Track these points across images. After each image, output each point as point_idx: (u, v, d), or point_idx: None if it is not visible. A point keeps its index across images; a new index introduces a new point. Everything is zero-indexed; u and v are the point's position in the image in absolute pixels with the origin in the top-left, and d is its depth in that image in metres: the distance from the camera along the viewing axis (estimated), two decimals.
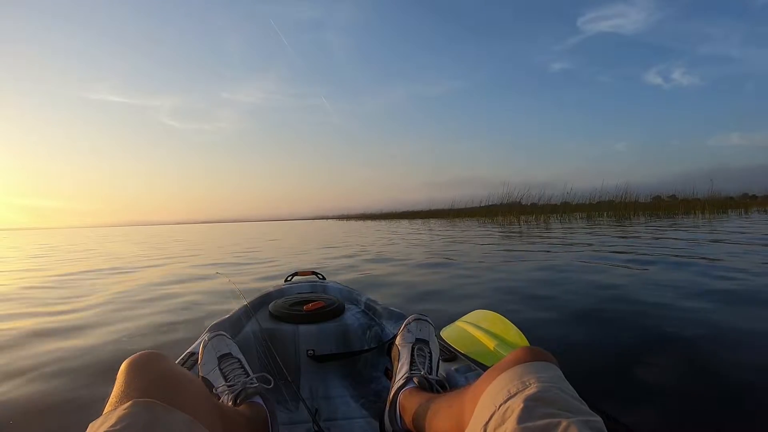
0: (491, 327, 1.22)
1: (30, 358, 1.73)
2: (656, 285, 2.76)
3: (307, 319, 1.34)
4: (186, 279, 4.04)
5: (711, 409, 1.13)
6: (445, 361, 1.01)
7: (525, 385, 0.49)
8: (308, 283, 1.83)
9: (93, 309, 2.71)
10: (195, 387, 0.58)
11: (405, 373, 0.87)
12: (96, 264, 6.03)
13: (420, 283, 3.27)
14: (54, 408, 1.27)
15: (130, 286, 3.67)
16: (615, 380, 1.34)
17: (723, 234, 6.47)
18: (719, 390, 1.23)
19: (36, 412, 1.25)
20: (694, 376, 1.33)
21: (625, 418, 1.07)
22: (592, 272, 3.40)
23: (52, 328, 2.25)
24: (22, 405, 1.29)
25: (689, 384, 1.28)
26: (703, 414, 1.11)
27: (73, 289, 3.64)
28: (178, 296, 3.07)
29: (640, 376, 1.36)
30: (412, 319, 1.02)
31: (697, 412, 1.11)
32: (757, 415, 1.10)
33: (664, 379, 1.34)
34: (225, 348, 0.94)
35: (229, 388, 0.81)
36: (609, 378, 1.36)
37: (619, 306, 2.27)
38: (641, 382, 1.32)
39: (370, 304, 1.52)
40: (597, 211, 16.71)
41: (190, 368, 0.96)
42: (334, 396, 1.14)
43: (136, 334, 2.06)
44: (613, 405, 1.14)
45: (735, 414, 1.11)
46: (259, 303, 1.56)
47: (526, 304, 2.39)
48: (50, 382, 1.47)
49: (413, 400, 0.77)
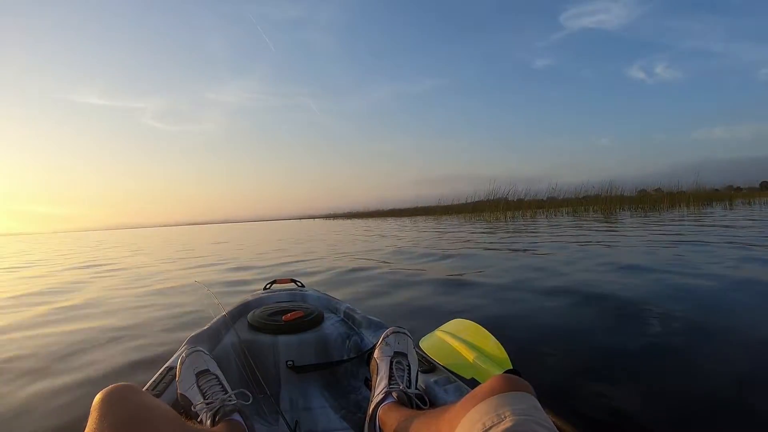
0: (470, 338, 1.21)
1: None
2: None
3: (286, 329, 1.32)
4: (159, 285, 3.83)
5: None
6: (424, 373, 1.01)
7: (500, 418, 0.50)
8: (287, 291, 1.80)
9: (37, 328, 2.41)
10: (168, 418, 0.61)
11: (384, 387, 0.87)
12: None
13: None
14: None
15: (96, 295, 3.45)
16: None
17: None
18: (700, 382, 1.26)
19: None
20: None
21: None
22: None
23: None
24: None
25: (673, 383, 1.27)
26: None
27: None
28: (153, 304, 2.91)
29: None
30: (390, 332, 1.02)
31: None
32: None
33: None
34: (203, 364, 0.93)
35: (207, 406, 0.81)
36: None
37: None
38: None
39: (349, 312, 1.51)
40: (583, 206, 16.69)
41: (168, 384, 0.95)
42: (315, 407, 1.13)
43: (113, 350, 1.87)
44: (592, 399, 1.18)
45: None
46: (237, 313, 1.53)
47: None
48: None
49: (392, 416, 0.78)
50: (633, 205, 15.86)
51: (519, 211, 16.80)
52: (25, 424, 1.22)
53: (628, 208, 15.65)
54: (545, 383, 1.20)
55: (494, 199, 17.64)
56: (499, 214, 16.37)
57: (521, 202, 17.72)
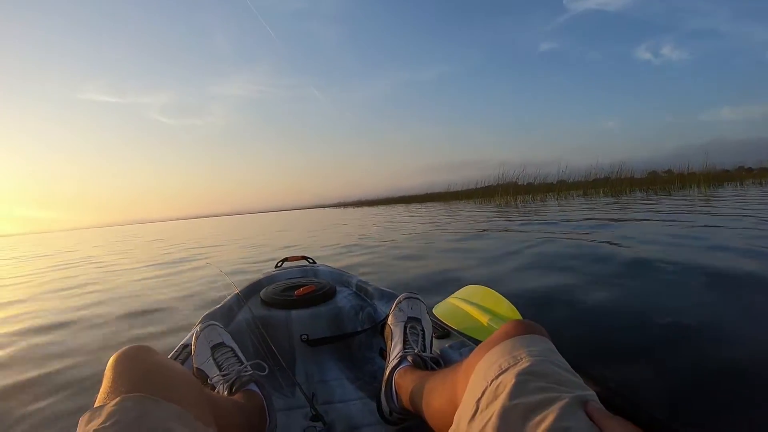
0: (483, 302, 1.20)
1: None
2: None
3: (299, 303, 1.34)
4: (173, 267, 4.16)
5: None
6: (438, 338, 1.01)
7: (516, 359, 0.48)
8: (298, 268, 1.81)
9: (84, 308, 2.73)
10: (184, 378, 0.57)
11: (399, 352, 0.87)
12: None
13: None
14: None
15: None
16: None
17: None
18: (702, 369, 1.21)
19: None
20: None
21: (618, 387, 1.06)
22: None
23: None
24: None
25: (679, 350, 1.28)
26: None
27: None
28: (166, 286, 3.13)
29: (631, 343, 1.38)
30: (403, 297, 1.02)
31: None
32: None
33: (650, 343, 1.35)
34: (218, 337, 0.94)
35: (224, 378, 0.81)
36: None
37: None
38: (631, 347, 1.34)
39: (361, 285, 1.52)
40: (594, 189, 16.68)
41: (184, 360, 0.96)
42: (330, 379, 1.14)
43: (127, 330, 2.07)
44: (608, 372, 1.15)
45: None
46: (250, 291, 1.55)
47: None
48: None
49: (408, 379, 0.77)
50: (643, 187, 15.83)
51: (529, 195, 16.86)
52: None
53: (638, 189, 15.63)
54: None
55: (504, 183, 17.68)
56: (510, 198, 16.43)
57: (531, 186, 17.63)
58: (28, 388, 1.43)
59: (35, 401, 1.31)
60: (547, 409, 0.40)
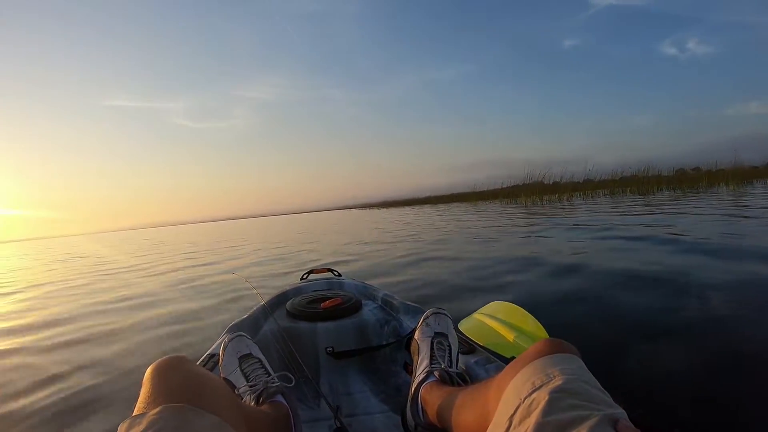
0: (509, 318, 1.23)
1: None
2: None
3: (324, 316, 1.37)
4: (199, 278, 4.26)
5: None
6: (464, 354, 1.02)
7: (549, 377, 0.50)
8: (324, 280, 1.86)
9: (115, 313, 2.90)
10: (219, 388, 0.59)
11: (426, 367, 0.88)
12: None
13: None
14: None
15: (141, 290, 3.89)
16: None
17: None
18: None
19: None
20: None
21: (645, 408, 1.06)
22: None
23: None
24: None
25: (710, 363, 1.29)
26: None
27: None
28: (190, 297, 3.24)
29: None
30: (430, 313, 1.04)
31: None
32: None
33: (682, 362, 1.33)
34: (245, 348, 0.96)
35: (251, 388, 0.83)
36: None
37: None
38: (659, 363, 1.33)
39: (386, 299, 1.54)
40: (620, 187, 16.64)
41: (211, 370, 0.97)
42: (355, 392, 1.15)
43: (157, 339, 2.16)
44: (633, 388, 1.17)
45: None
46: (276, 302, 1.58)
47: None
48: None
49: (435, 394, 0.79)
50: (671, 185, 15.75)
51: (555, 195, 16.77)
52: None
53: (666, 188, 15.56)
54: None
55: (530, 182, 17.68)
56: (536, 197, 16.39)
57: (557, 185, 17.60)
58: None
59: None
60: (578, 426, 0.41)
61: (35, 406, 1.44)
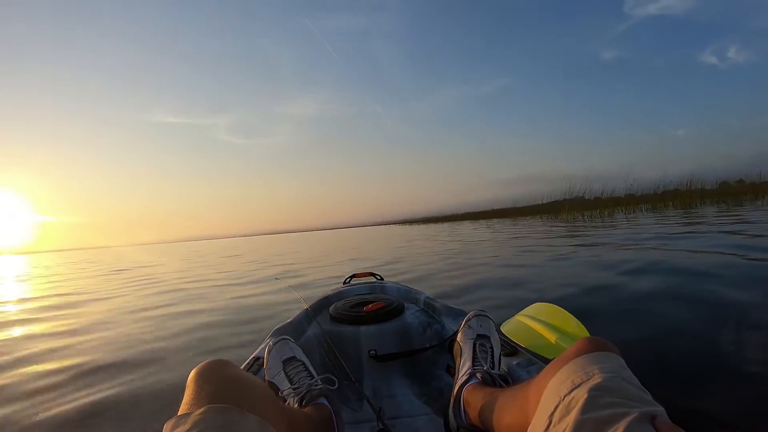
0: (551, 319, 1.22)
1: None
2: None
3: (367, 320, 1.38)
4: (245, 283, 4.32)
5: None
6: (506, 356, 1.02)
7: (588, 375, 0.51)
8: (367, 284, 1.88)
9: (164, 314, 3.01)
10: (262, 390, 0.60)
11: (468, 368, 0.89)
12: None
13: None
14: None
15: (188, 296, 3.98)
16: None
17: None
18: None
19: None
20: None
21: (686, 405, 1.03)
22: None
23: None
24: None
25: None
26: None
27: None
28: (238, 303, 3.29)
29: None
30: (472, 315, 1.05)
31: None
32: None
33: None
34: (289, 352, 0.98)
35: (295, 391, 0.85)
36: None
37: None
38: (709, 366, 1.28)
39: (429, 302, 1.55)
40: (662, 202, 16.46)
41: (255, 373, 1.00)
42: (397, 394, 1.15)
43: (203, 340, 2.18)
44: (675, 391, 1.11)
45: None
46: (319, 306, 1.60)
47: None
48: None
49: (477, 396, 0.80)
50: (714, 199, 15.49)
51: (596, 210, 16.75)
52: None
53: (709, 201, 15.31)
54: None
55: (571, 198, 17.75)
56: (577, 213, 16.46)
57: (598, 200, 17.58)
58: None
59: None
60: (617, 423, 0.42)
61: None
